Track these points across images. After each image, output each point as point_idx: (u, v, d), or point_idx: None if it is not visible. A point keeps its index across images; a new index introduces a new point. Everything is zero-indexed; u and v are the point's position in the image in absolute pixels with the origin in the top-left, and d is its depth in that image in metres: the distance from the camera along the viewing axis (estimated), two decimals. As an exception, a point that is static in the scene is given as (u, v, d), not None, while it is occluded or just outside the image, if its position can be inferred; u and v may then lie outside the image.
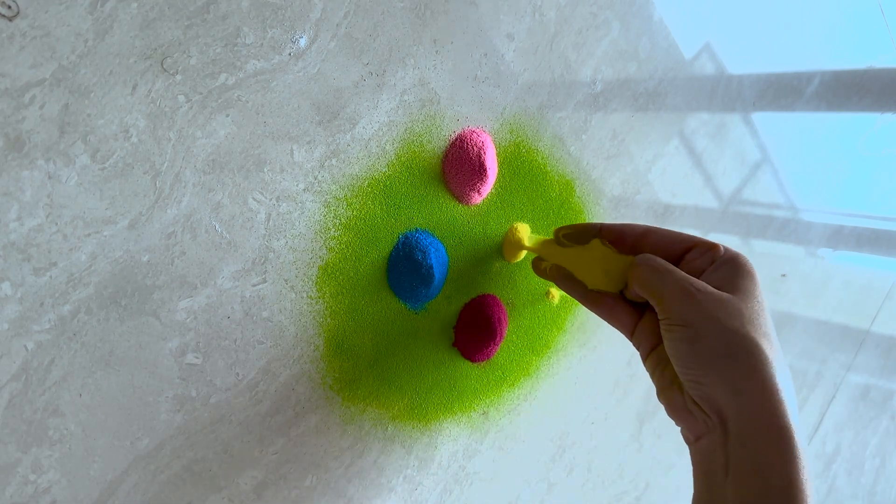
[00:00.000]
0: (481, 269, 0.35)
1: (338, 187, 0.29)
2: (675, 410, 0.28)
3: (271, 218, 0.27)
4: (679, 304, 0.27)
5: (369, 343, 0.31)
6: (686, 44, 0.42)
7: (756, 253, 0.55)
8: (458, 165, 0.32)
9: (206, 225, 0.26)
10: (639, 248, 0.31)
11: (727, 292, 0.27)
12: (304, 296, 0.29)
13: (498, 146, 0.34)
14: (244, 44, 0.25)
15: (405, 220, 0.31)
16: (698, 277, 0.29)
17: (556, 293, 0.40)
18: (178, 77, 0.24)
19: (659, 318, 0.28)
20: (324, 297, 0.29)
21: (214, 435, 0.27)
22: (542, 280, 0.38)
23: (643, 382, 0.49)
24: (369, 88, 0.29)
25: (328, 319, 0.30)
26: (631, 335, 0.31)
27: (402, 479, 0.34)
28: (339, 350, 0.30)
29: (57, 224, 0.22)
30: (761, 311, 0.27)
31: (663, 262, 0.29)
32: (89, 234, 0.23)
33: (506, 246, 0.36)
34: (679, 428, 0.28)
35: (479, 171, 0.32)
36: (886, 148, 0.67)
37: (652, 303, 0.29)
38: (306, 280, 0.29)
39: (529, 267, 0.37)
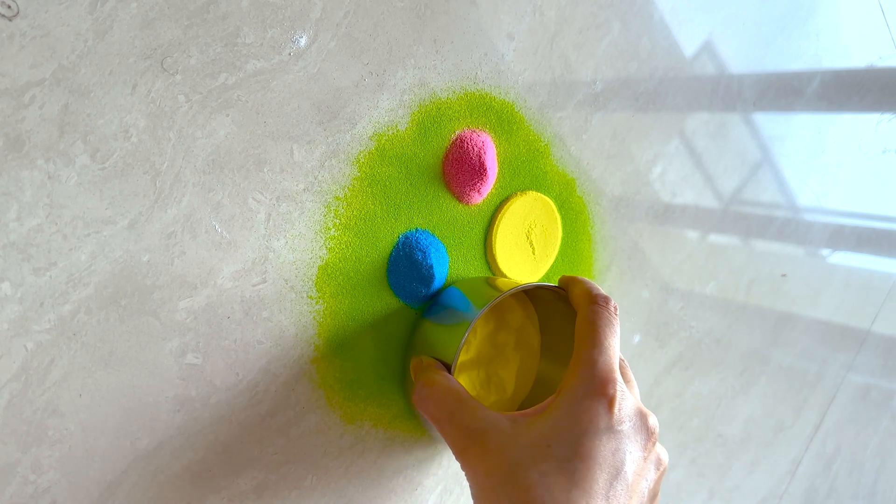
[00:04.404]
0: (481, 269, 0.35)
1: (338, 187, 0.29)
2: None
3: (271, 218, 0.27)
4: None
5: (369, 343, 0.31)
6: (686, 43, 0.42)
7: (756, 253, 0.55)
8: (458, 165, 0.32)
9: (206, 225, 0.25)
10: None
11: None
12: (304, 296, 0.29)
13: (498, 146, 0.34)
14: (244, 43, 0.25)
15: (405, 220, 0.31)
16: None
17: None
18: (178, 77, 0.24)
19: None
20: (324, 297, 0.29)
21: (214, 435, 0.27)
22: (543, 279, 0.38)
23: (642, 383, 0.49)
24: (369, 88, 0.29)
25: (328, 319, 0.30)
26: None
27: (402, 479, 0.34)
28: (339, 350, 0.30)
29: (57, 224, 0.22)
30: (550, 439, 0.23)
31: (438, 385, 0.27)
32: (89, 234, 0.23)
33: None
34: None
35: (479, 171, 0.32)
36: (886, 148, 0.67)
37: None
38: (306, 280, 0.29)
39: (531, 274, 0.37)
